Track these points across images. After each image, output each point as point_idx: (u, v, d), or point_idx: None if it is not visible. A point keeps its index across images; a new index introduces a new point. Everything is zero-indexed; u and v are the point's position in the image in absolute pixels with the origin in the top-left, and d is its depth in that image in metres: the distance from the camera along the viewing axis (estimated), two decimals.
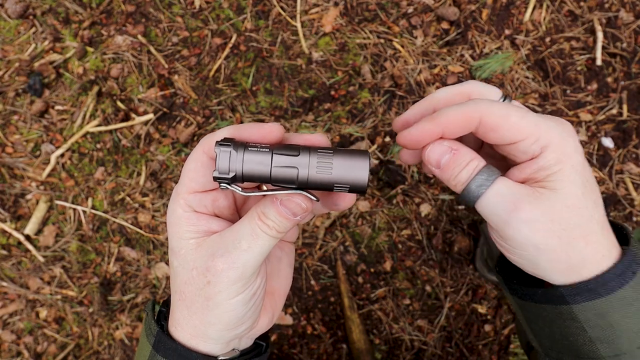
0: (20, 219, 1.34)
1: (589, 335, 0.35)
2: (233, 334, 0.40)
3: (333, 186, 0.34)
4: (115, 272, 1.32)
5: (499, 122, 0.34)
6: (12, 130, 1.37)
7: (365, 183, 0.34)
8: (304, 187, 0.35)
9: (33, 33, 1.40)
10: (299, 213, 0.36)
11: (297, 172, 0.34)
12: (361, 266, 1.29)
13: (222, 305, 0.37)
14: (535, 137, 0.34)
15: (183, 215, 0.38)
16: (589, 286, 0.34)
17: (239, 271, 0.36)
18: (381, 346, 1.26)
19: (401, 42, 1.36)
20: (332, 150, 0.34)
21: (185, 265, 0.38)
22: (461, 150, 0.36)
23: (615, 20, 1.35)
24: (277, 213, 0.36)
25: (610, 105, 1.32)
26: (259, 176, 0.34)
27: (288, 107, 1.34)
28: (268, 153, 0.34)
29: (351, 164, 0.34)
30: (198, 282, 0.37)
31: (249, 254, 0.36)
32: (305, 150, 0.34)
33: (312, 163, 0.34)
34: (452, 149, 0.36)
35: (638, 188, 1.30)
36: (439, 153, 0.36)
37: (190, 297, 0.38)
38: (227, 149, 0.34)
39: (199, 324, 0.38)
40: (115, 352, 1.29)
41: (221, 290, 0.36)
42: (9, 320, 1.32)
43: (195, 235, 0.38)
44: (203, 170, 0.37)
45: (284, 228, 0.36)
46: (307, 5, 1.38)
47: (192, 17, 1.39)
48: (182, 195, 0.38)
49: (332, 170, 0.34)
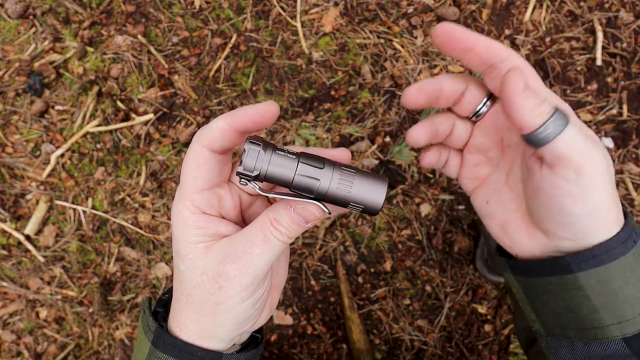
0: (20, 219, 1.34)
1: (593, 303, 0.36)
2: (239, 333, 0.40)
3: (349, 204, 0.36)
4: (115, 272, 1.32)
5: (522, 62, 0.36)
6: (12, 130, 1.37)
7: (379, 207, 0.36)
8: (320, 198, 0.36)
9: (33, 33, 1.40)
10: (311, 220, 0.36)
11: (319, 184, 0.35)
12: (361, 266, 1.29)
13: (233, 310, 0.37)
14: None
15: (190, 217, 0.37)
16: (594, 253, 0.35)
17: (250, 277, 0.36)
18: (381, 346, 1.26)
19: (401, 42, 1.36)
20: (355, 170, 0.36)
21: (194, 269, 0.37)
22: (532, 90, 0.34)
23: (615, 20, 1.35)
24: (290, 220, 0.36)
25: (610, 105, 1.32)
26: (281, 180, 0.35)
27: (288, 107, 1.35)
28: (294, 160, 0.35)
29: (370, 186, 0.35)
30: (209, 287, 0.37)
31: (260, 260, 0.36)
32: (329, 164, 0.35)
33: (334, 178, 0.35)
34: (526, 86, 0.34)
35: (638, 188, 1.30)
36: (522, 80, 0.34)
37: (199, 300, 0.38)
38: (257, 147, 0.34)
39: (207, 326, 0.38)
40: (115, 352, 1.29)
41: (232, 295, 0.37)
42: (9, 320, 1.32)
43: (204, 238, 0.38)
44: (206, 165, 0.37)
45: (295, 234, 0.37)
46: (307, 5, 1.38)
47: (192, 17, 1.39)
48: (188, 195, 0.37)
49: (351, 188, 0.35)
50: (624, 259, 0.35)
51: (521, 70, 0.34)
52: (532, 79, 0.38)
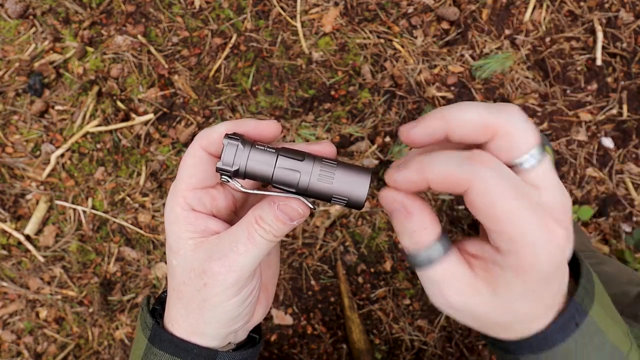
0: (20, 219, 1.34)
1: None
2: (229, 331, 0.40)
3: (331, 197, 0.35)
4: (115, 272, 1.32)
5: (483, 204, 0.29)
6: (12, 130, 1.37)
7: (362, 199, 0.34)
8: (303, 193, 0.35)
9: (33, 33, 1.40)
10: (296, 218, 0.36)
11: (299, 177, 0.34)
12: (361, 266, 1.29)
13: (219, 307, 0.37)
14: (510, 236, 0.29)
15: (181, 213, 0.38)
16: (530, 342, 0.34)
17: (235, 275, 0.36)
18: (381, 346, 1.26)
19: (401, 42, 1.36)
20: (336, 162, 0.35)
21: (184, 265, 0.38)
22: (415, 217, 0.32)
23: (615, 20, 1.35)
24: (274, 217, 0.35)
25: (610, 105, 1.32)
26: (261, 175, 0.35)
27: (288, 107, 1.35)
28: (274, 154, 0.34)
29: (352, 179, 0.34)
30: (195, 284, 0.37)
31: (245, 258, 0.36)
32: (310, 157, 0.35)
33: (314, 171, 0.34)
34: (407, 211, 0.32)
35: (638, 188, 1.30)
36: (390, 207, 0.33)
37: (187, 297, 0.38)
38: (234, 143, 0.34)
39: (195, 323, 0.39)
40: (115, 352, 1.29)
41: (218, 293, 0.37)
42: (9, 320, 1.32)
43: (194, 235, 0.38)
44: (202, 165, 0.37)
45: (280, 232, 0.36)
46: (307, 5, 1.38)
47: (192, 17, 1.39)
48: (181, 192, 0.38)
49: (333, 180, 0.34)
50: (565, 345, 0.33)
51: (393, 197, 0.32)
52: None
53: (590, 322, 0.33)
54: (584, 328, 0.33)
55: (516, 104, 1.34)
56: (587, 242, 1.06)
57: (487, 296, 0.32)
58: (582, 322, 0.33)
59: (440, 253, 0.32)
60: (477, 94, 1.34)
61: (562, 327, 0.33)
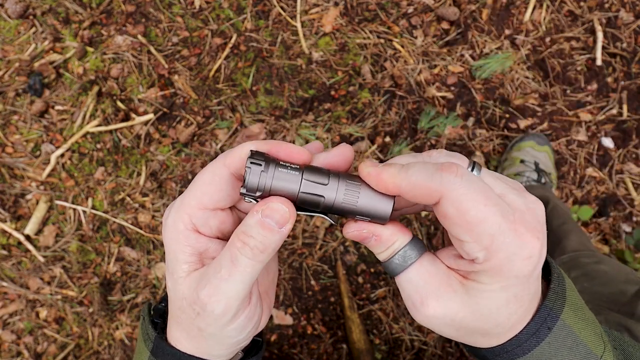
0: (20, 219, 1.34)
1: None
2: (235, 350, 0.39)
3: (356, 215, 0.35)
4: (115, 272, 1.32)
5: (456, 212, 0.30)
6: (12, 130, 1.37)
7: (387, 216, 0.35)
8: (327, 212, 0.35)
9: (33, 33, 1.40)
10: (283, 222, 0.33)
11: (324, 200, 0.34)
12: (361, 266, 1.29)
13: (218, 335, 0.35)
14: (483, 242, 0.30)
15: (183, 232, 0.35)
16: (505, 349, 0.34)
17: (222, 304, 0.33)
18: (381, 346, 1.26)
19: (401, 42, 1.36)
20: (360, 181, 0.35)
21: (176, 292, 0.36)
22: (384, 237, 0.34)
23: (615, 20, 1.35)
24: (260, 226, 0.32)
25: (610, 105, 1.32)
26: (285, 196, 0.34)
27: (288, 107, 1.34)
28: (298, 175, 0.34)
29: (377, 197, 0.34)
30: (189, 313, 0.35)
31: (230, 284, 0.33)
32: (334, 177, 0.34)
33: (339, 192, 0.34)
34: (376, 236, 0.34)
35: (638, 188, 1.30)
36: (360, 237, 0.35)
37: (185, 324, 0.36)
38: (258, 167, 0.33)
39: (198, 345, 0.37)
40: (115, 352, 1.29)
41: (210, 323, 0.34)
42: (9, 320, 1.32)
43: (190, 258, 0.35)
44: (221, 185, 0.34)
45: (270, 243, 0.33)
46: (307, 5, 1.38)
47: (192, 17, 1.39)
48: (189, 209, 0.35)
49: (358, 200, 0.34)
50: (539, 349, 0.34)
51: (358, 230, 0.35)
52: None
53: (562, 325, 0.34)
54: (556, 331, 0.34)
55: (516, 103, 1.34)
56: (586, 242, 1.06)
57: (464, 296, 0.32)
58: (554, 326, 0.34)
59: (413, 256, 0.34)
60: (477, 94, 1.34)
61: (535, 331, 0.34)
